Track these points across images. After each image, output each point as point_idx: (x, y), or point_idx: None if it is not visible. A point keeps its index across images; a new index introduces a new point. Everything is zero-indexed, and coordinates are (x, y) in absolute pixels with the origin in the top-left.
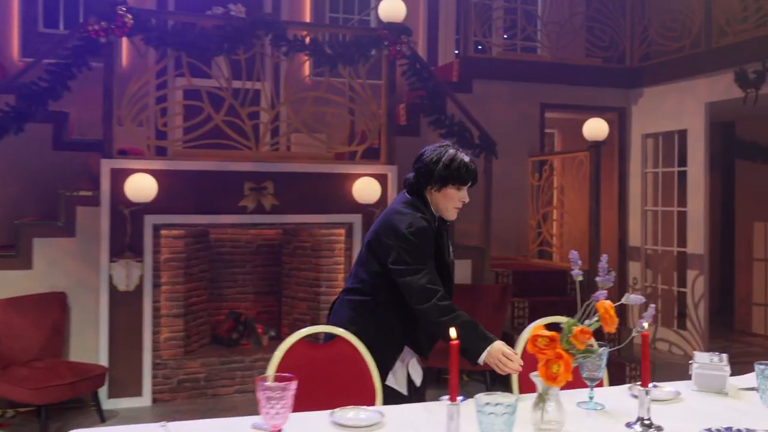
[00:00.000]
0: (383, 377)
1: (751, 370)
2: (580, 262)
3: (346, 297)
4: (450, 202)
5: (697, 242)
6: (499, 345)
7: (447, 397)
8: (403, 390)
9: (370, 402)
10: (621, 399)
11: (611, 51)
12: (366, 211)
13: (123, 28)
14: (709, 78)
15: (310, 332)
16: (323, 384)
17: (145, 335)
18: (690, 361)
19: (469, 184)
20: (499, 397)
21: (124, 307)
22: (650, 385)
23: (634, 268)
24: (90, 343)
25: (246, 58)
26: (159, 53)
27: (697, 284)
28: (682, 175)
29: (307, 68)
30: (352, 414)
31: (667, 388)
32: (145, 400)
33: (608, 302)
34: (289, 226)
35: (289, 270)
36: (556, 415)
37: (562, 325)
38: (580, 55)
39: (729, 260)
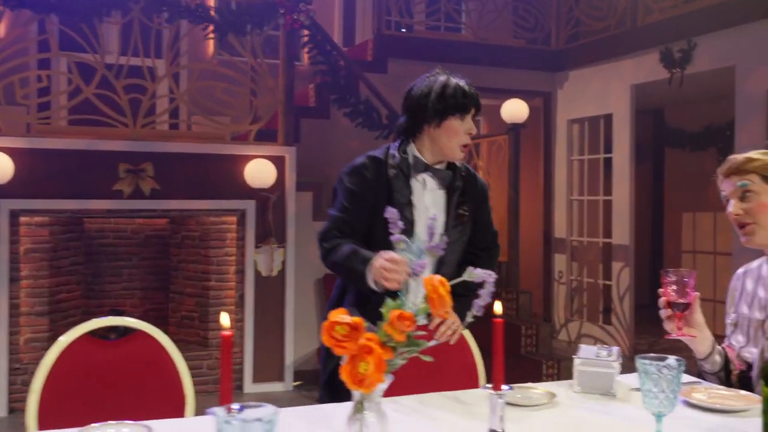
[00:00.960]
0: None
1: None
2: (401, 223)
3: None
4: (455, 137)
5: (622, 233)
6: (378, 260)
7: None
8: None
9: (179, 411)
10: (484, 403)
11: (537, 32)
12: (260, 196)
13: None
14: (635, 59)
15: (97, 326)
16: (115, 391)
17: (1, 336)
18: (573, 356)
19: (473, 112)
20: (256, 411)
21: None
22: (505, 387)
23: (560, 261)
24: None
25: (123, 24)
26: (19, 17)
27: (622, 277)
28: (609, 163)
29: (211, 44)
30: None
31: (539, 389)
32: None
33: (438, 277)
34: (173, 213)
35: (177, 263)
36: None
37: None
38: (505, 36)
39: (659, 252)
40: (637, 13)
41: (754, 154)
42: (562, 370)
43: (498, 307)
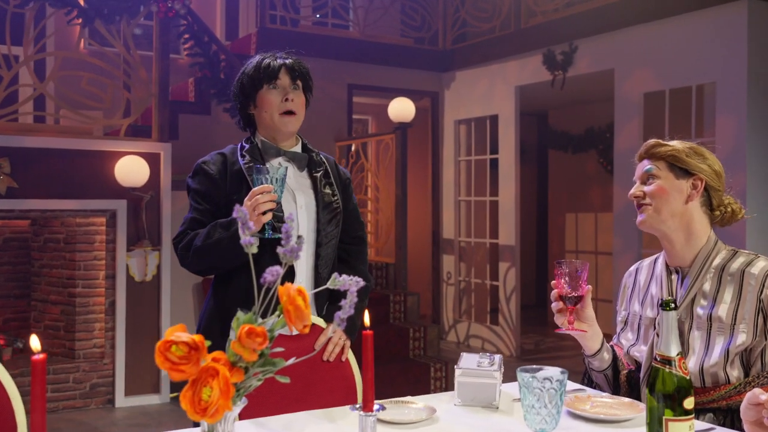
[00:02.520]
0: None
1: (563, 367)
2: (252, 224)
3: None
4: (271, 107)
5: (508, 233)
6: (245, 205)
7: None
8: None
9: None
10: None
11: (424, 32)
12: (132, 196)
13: None
14: (519, 61)
15: None
16: None
17: None
18: (455, 366)
19: (287, 80)
20: None
21: None
22: (376, 406)
23: (448, 262)
24: None
25: None
26: None
27: (509, 277)
28: (495, 164)
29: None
30: None
31: (418, 404)
32: None
33: (295, 287)
34: (34, 214)
35: (40, 268)
36: None
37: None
38: (393, 34)
39: (544, 253)
40: (521, 15)
41: (668, 141)
42: (449, 373)
43: (366, 318)
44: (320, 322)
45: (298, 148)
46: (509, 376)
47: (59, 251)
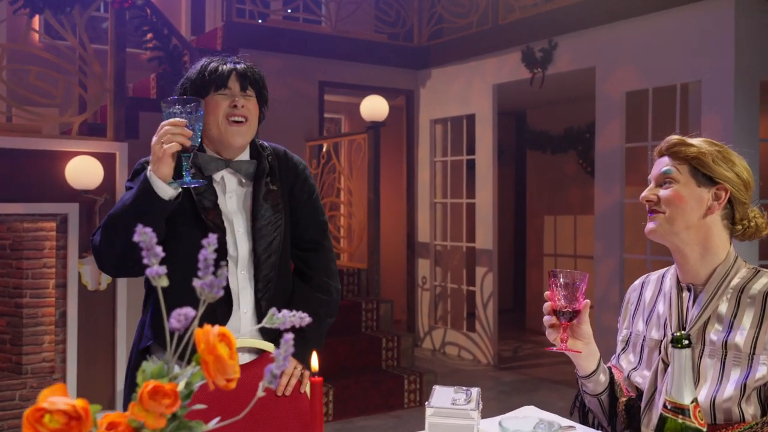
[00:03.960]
0: None
1: (542, 376)
2: (160, 250)
3: None
4: (215, 111)
5: (485, 237)
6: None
7: None
8: None
9: None
10: None
11: (399, 27)
12: (85, 199)
13: None
14: (497, 58)
15: None
16: None
17: None
18: (426, 403)
19: (236, 86)
20: None
21: None
22: None
23: (424, 266)
24: None
25: None
26: None
27: (486, 282)
28: (472, 165)
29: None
30: None
31: None
32: None
33: (217, 330)
34: None
35: None
36: None
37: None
38: (367, 30)
39: (522, 255)
40: (499, 10)
41: (693, 140)
42: (424, 385)
43: (315, 362)
44: (272, 348)
45: (245, 155)
46: (487, 377)
47: (5, 258)
